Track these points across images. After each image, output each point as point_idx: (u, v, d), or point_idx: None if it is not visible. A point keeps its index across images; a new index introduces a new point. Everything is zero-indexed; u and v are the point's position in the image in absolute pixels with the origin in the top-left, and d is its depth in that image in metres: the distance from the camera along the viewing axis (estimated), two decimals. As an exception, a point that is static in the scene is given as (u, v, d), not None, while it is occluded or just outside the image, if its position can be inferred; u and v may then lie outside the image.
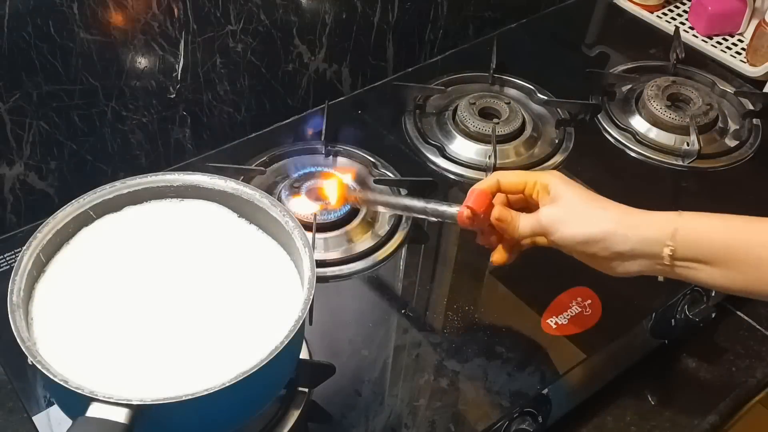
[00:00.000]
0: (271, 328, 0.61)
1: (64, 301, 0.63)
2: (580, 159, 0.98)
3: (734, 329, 0.88)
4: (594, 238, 0.65)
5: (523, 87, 1.07)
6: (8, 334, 0.57)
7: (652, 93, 1.04)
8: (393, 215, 0.87)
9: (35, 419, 0.70)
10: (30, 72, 0.79)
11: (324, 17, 0.98)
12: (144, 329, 0.62)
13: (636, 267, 0.65)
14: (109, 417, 0.52)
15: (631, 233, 0.64)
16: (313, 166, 0.92)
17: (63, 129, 0.85)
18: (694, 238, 0.63)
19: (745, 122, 1.05)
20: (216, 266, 0.67)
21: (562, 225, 0.66)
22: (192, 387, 0.54)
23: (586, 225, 0.65)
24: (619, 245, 0.64)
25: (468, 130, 0.98)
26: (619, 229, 0.64)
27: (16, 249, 0.82)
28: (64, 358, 0.58)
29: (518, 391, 0.72)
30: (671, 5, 1.27)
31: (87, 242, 0.67)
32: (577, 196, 0.67)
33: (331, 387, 0.73)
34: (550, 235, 0.67)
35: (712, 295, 0.85)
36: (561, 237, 0.67)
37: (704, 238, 0.63)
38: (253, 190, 0.69)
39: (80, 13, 0.79)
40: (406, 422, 0.70)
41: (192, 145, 0.97)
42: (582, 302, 0.80)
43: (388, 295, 0.81)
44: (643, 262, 0.65)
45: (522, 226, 0.69)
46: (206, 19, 0.88)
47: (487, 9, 1.17)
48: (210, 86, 0.93)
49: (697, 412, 0.80)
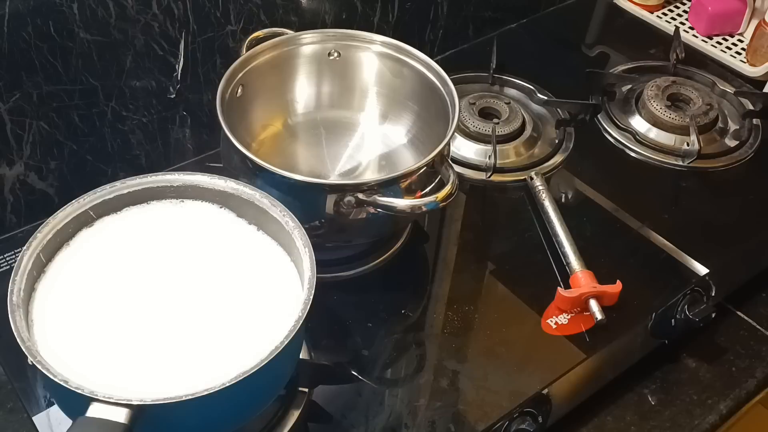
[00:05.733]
0: (271, 328, 0.62)
1: (64, 301, 0.63)
2: (580, 159, 0.98)
3: (734, 329, 0.88)
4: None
5: (523, 87, 1.07)
6: (8, 334, 0.57)
7: (652, 93, 1.04)
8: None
9: (35, 419, 0.70)
10: (30, 72, 0.79)
11: (324, 17, 0.98)
12: (144, 329, 0.62)
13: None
14: (109, 417, 0.52)
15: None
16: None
17: (63, 129, 0.85)
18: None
19: (745, 122, 1.05)
20: (216, 266, 0.67)
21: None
22: (192, 387, 0.54)
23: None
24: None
25: (468, 130, 0.98)
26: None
27: (16, 249, 0.82)
28: (64, 358, 0.59)
29: (518, 391, 0.72)
30: (671, 5, 1.27)
31: (87, 242, 0.67)
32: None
33: (331, 387, 0.73)
34: None
35: (712, 295, 0.85)
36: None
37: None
38: (253, 190, 0.69)
39: (80, 13, 0.79)
40: (406, 422, 0.70)
41: (192, 145, 0.97)
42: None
43: (388, 295, 0.81)
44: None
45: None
46: (206, 19, 0.88)
47: (487, 9, 1.16)
48: (210, 86, 0.93)
49: (697, 412, 0.80)
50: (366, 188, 0.72)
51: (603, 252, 0.85)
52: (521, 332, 0.79)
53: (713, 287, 0.85)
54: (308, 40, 0.87)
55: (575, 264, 0.81)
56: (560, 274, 0.83)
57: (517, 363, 0.75)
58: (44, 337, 0.60)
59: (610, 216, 0.91)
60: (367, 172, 0.89)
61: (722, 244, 0.89)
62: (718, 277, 0.85)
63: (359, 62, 0.89)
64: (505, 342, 0.77)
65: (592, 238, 0.87)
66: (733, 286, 0.91)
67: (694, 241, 0.88)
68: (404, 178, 0.74)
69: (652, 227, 0.89)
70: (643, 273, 0.84)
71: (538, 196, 0.90)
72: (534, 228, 0.89)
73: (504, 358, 0.76)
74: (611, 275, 0.80)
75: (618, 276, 0.80)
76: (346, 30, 0.88)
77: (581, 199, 0.93)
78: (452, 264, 0.85)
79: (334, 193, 0.72)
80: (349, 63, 0.89)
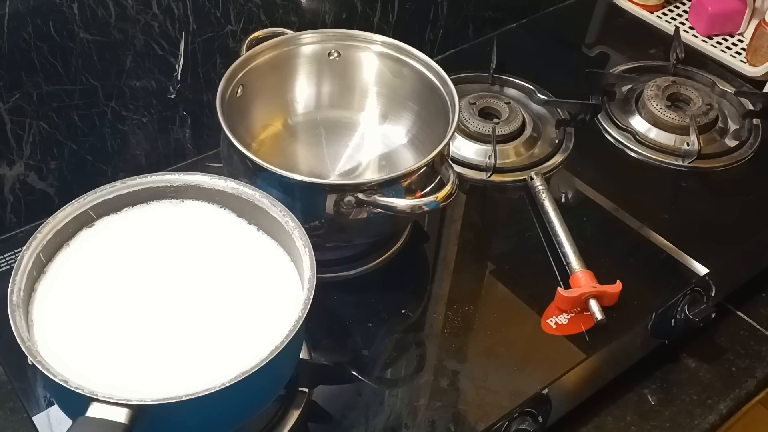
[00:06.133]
0: (271, 328, 0.62)
1: (64, 301, 0.63)
2: (580, 159, 0.98)
3: (734, 329, 0.88)
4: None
5: (523, 87, 1.07)
6: (8, 334, 0.57)
7: (652, 93, 1.04)
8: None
9: (35, 419, 0.70)
10: (30, 72, 0.79)
11: (324, 17, 0.98)
12: (144, 329, 0.62)
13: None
14: (109, 417, 0.52)
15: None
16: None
17: (63, 129, 0.85)
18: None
19: (745, 122, 1.05)
20: (216, 266, 0.67)
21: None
22: (192, 387, 0.54)
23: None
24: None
25: (468, 130, 0.98)
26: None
27: (16, 249, 0.82)
28: (64, 358, 0.59)
29: (518, 391, 0.72)
30: (671, 5, 1.27)
31: (87, 242, 0.67)
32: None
33: (331, 387, 0.73)
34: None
35: (712, 295, 0.85)
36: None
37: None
38: (253, 190, 0.69)
39: (80, 13, 0.79)
40: (406, 422, 0.70)
41: (192, 145, 0.97)
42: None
43: (388, 295, 0.81)
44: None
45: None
46: (206, 19, 0.88)
47: (487, 9, 1.16)
48: (210, 86, 0.93)
49: (697, 412, 0.80)
50: (366, 188, 0.72)
51: (603, 252, 0.85)
52: (521, 332, 0.79)
53: (713, 287, 0.85)
54: (308, 40, 0.87)
55: (575, 264, 0.81)
56: (560, 274, 0.83)
57: (517, 363, 0.75)
58: (44, 337, 0.60)
59: (610, 216, 0.91)
60: (367, 172, 0.89)
61: (722, 244, 0.89)
62: (718, 277, 0.85)
63: (359, 62, 0.89)
64: (505, 342, 0.77)
65: (592, 238, 0.87)
66: (733, 286, 0.91)
67: (694, 241, 0.88)
68: (404, 178, 0.74)
69: (652, 227, 0.89)
70: (643, 273, 0.84)
71: (538, 196, 0.90)
72: (534, 228, 0.89)
73: (504, 358, 0.76)
74: (611, 275, 0.80)
75: (618, 276, 0.80)
76: (346, 30, 0.88)
77: (581, 199, 0.93)
78: (452, 264, 0.85)
79: (334, 193, 0.72)
80: (349, 63, 0.89)
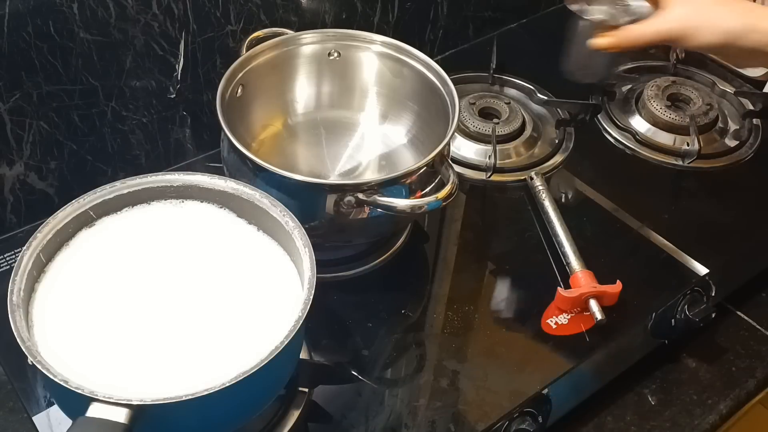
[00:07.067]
0: (271, 328, 0.62)
1: (64, 301, 0.63)
2: (580, 159, 0.98)
3: (734, 329, 0.88)
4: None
5: (523, 87, 1.07)
6: (8, 334, 0.57)
7: (652, 93, 1.04)
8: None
9: (35, 419, 0.70)
10: (30, 72, 0.79)
11: (324, 17, 0.98)
12: (144, 329, 0.62)
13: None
14: (109, 417, 0.52)
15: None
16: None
17: (63, 129, 0.85)
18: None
19: (745, 122, 1.05)
20: (216, 266, 0.67)
21: (696, 32, 0.68)
22: (192, 387, 0.54)
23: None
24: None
25: (468, 130, 0.98)
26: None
27: (16, 249, 0.82)
28: (64, 358, 0.59)
29: (518, 391, 0.72)
30: (671, 5, 1.27)
31: (87, 242, 0.67)
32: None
33: (331, 387, 0.73)
34: (682, 42, 0.69)
35: (712, 295, 0.85)
36: (697, 45, 0.69)
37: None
38: (253, 190, 0.69)
39: (80, 13, 0.79)
40: (406, 422, 0.70)
41: (192, 145, 0.97)
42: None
43: (388, 295, 0.81)
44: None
45: (643, 34, 0.70)
46: (206, 19, 0.88)
47: (487, 9, 1.16)
48: (210, 86, 0.93)
49: (697, 412, 0.80)
50: (366, 188, 0.72)
51: (603, 252, 0.85)
52: (521, 332, 0.79)
53: (713, 287, 0.85)
54: (308, 40, 0.87)
55: (575, 264, 0.81)
56: (560, 274, 0.83)
57: (517, 363, 0.75)
58: (44, 337, 0.60)
59: (610, 216, 0.91)
60: (367, 172, 0.89)
61: (722, 244, 0.89)
62: (718, 277, 0.85)
63: (359, 62, 0.89)
64: (505, 342, 0.77)
65: (592, 238, 0.87)
66: (733, 286, 0.91)
67: (694, 241, 0.88)
68: (404, 178, 0.74)
69: (652, 227, 0.89)
70: (643, 273, 0.84)
71: (538, 196, 0.90)
72: (534, 228, 0.89)
73: (504, 358, 0.76)
74: (611, 275, 0.80)
75: (618, 276, 0.80)
76: (346, 30, 0.88)
77: (581, 199, 0.93)
78: (452, 264, 0.85)
79: (334, 193, 0.72)
80: (349, 63, 0.89)
